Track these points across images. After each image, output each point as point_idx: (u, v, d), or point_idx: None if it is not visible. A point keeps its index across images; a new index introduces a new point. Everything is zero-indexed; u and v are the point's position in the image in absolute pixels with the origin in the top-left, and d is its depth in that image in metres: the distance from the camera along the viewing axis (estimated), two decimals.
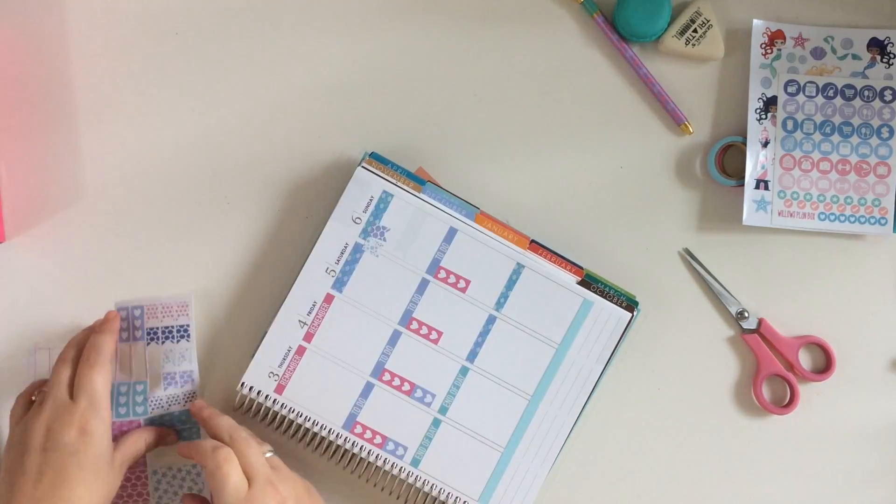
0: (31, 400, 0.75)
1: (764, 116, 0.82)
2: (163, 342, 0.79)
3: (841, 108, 0.82)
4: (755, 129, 0.82)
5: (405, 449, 0.79)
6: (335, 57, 0.84)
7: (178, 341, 0.79)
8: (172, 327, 0.79)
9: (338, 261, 0.79)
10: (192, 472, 0.81)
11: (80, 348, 0.76)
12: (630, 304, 0.80)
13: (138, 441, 0.77)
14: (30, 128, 0.83)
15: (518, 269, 0.79)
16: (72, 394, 0.72)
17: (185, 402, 0.80)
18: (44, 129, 0.83)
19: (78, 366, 0.74)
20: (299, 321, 0.79)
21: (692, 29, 0.82)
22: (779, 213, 0.82)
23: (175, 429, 0.80)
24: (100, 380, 0.72)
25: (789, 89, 0.82)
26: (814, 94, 0.82)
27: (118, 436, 0.77)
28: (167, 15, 0.84)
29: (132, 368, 0.79)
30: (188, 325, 0.79)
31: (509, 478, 0.79)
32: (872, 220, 0.81)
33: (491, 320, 0.79)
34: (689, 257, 0.83)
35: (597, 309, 0.79)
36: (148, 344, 0.79)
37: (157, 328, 0.79)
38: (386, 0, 0.84)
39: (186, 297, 0.80)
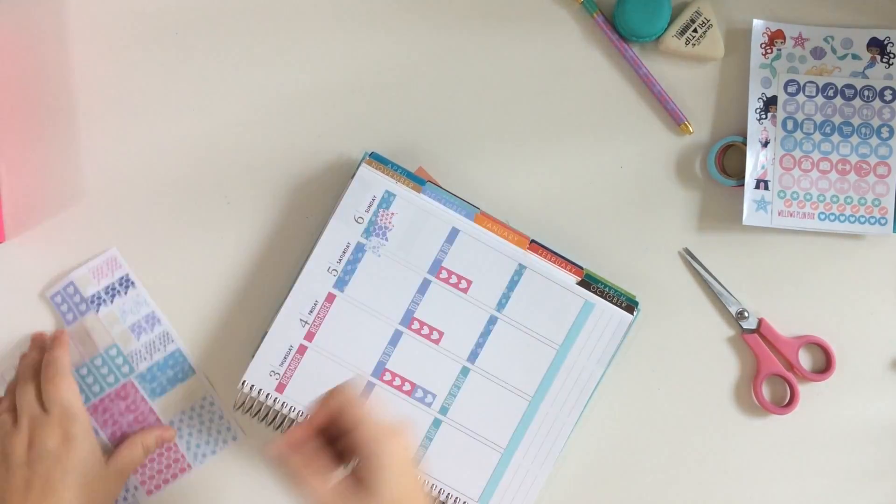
0: None
1: (764, 116, 0.82)
2: (112, 301, 0.78)
3: (841, 108, 0.82)
4: (755, 129, 0.82)
5: None
6: (335, 57, 0.84)
7: (126, 293, 0.78)
8: (112, 284, 0.78)
9: (339, 260, 0.79)
10: (200, 406, 0.81)
11: (35, 367, 0.77)
12: (630, 305, 0.80)
13: (133, 448, 0.77)
14: (30, 128, 0.83)
15: (520, 270, 0.79)
16: (43, 408, 0.73)
17: (165, 345, 0.80)
18: (44, 129, 0.83)
19: (41, 383, 0.74)
20: (301, 320, 0.79)
21: (692, 29, 0.82)
22: (779, 213, 0.82)
23: (168, 376, 0.80)
24: (66, 390, 0.73)
25: (789, 89, 0.82)
26: (814, 93, 0.82)
27: (117, 434, 0.77)
28: (167, 15, 0.84)
29: (95, 341, 0.79)
30: (127, 275, 0.78)
31: (509, 478, 0.79)
32: (872, 220, 0.81)
33: (492, 321, 0.79)
34: (689, 257, 0.83)
35: (598, 311, 0.79)
36: (98, 311, 0.78)
37: (99, 292, 0.79)
38: (386, 0, 0.84)
39: (110, 251, 0.79)
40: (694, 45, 0.82)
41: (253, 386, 0.79)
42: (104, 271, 0.79)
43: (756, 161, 0.81)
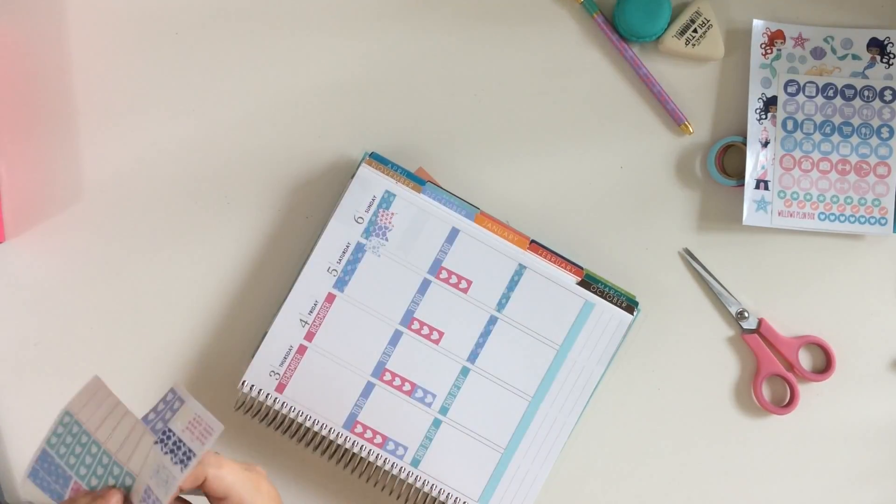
0: None
1: (764, 116, 0.82)
2: (166, 452, 0.63)
3: (841, 109, 0.82)
4: (755, 129, 0.82)
5: (405, 449, 0.79)
6: (335, 57, 0.84)
7: (175, 462, 0.63)
8: (182, 445, 0.63)
9: (339, 260, 0.79)
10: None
11: None
12: (630, 305, 0.80)
13: None
14: (30, 128, 0.83)
15: (520, 271, 0.79)
16: None
17: None
18: (44, 129, 0.83)
19: None
20: (301, 320, 0.79)
21: (692, 29, 0.82)
22: (779, 213, 0.82)
23: None
24: None
25: (789, 89, 0.82)
26: (814, 94, 0.82)
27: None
28: (167, 15, 0.84)
29: (132, 454, 0.65)
30: (194, 455, 0.63)
31: (509, 478, 0.79)
32: (872, 220, 0.81)
33: (492, 321, 0.79)
34: (689, 257, 0.83)
35: (598, 311, 0.79)
36: (156, 442, 0.64)
37: (174, 433, 0.64)
38: (386, 1, 0.84)
39: (217, 425, 0.62)
40: (694, 45, 0.82)
41: (253, 386, 0.79)
42: (195, 430, 0.64)
43: (756, 161, 0.81)
